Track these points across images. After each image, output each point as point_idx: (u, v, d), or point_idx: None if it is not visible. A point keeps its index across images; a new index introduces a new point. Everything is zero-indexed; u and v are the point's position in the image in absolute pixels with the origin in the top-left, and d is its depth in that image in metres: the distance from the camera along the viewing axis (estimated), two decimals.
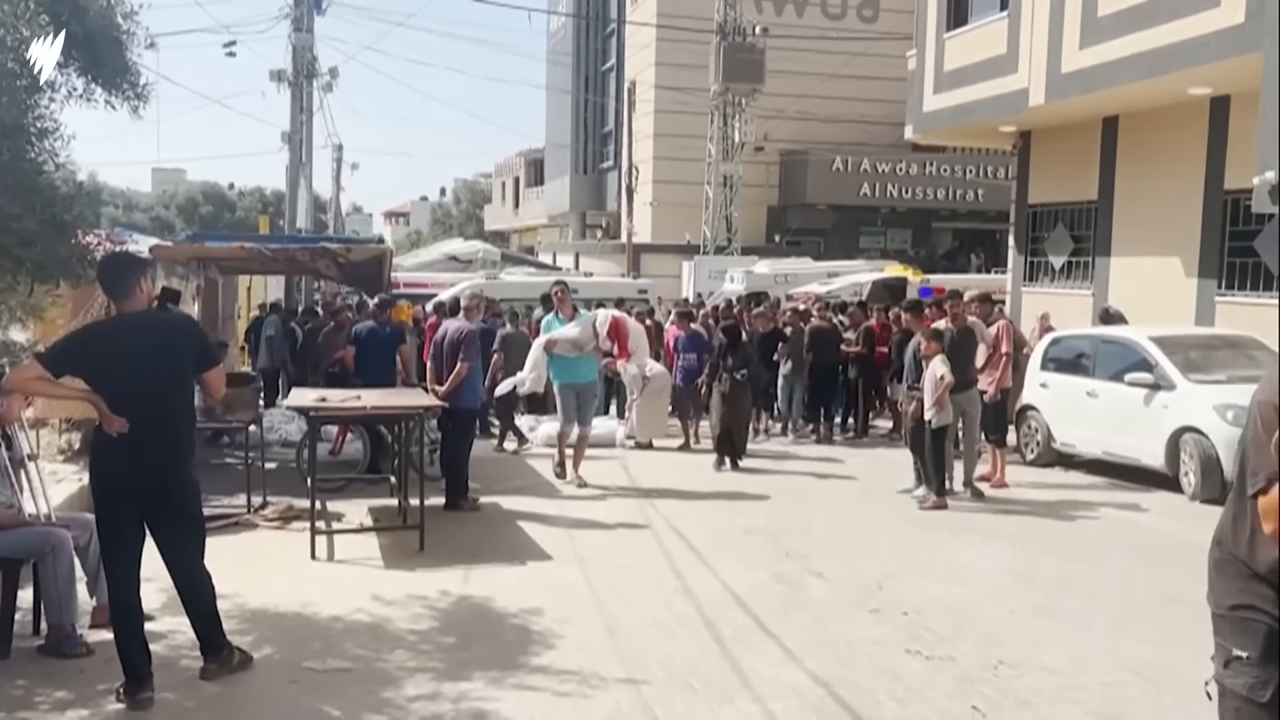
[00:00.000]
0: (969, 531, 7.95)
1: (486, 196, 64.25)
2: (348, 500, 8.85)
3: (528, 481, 10.09)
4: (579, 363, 9.75)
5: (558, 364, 9.64)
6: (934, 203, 31.78)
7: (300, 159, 16.68)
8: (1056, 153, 14.94)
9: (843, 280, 19.47)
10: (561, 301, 9.97)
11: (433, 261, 25.45)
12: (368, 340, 9.70)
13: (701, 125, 29.30)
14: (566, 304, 9.97)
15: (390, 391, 8.45)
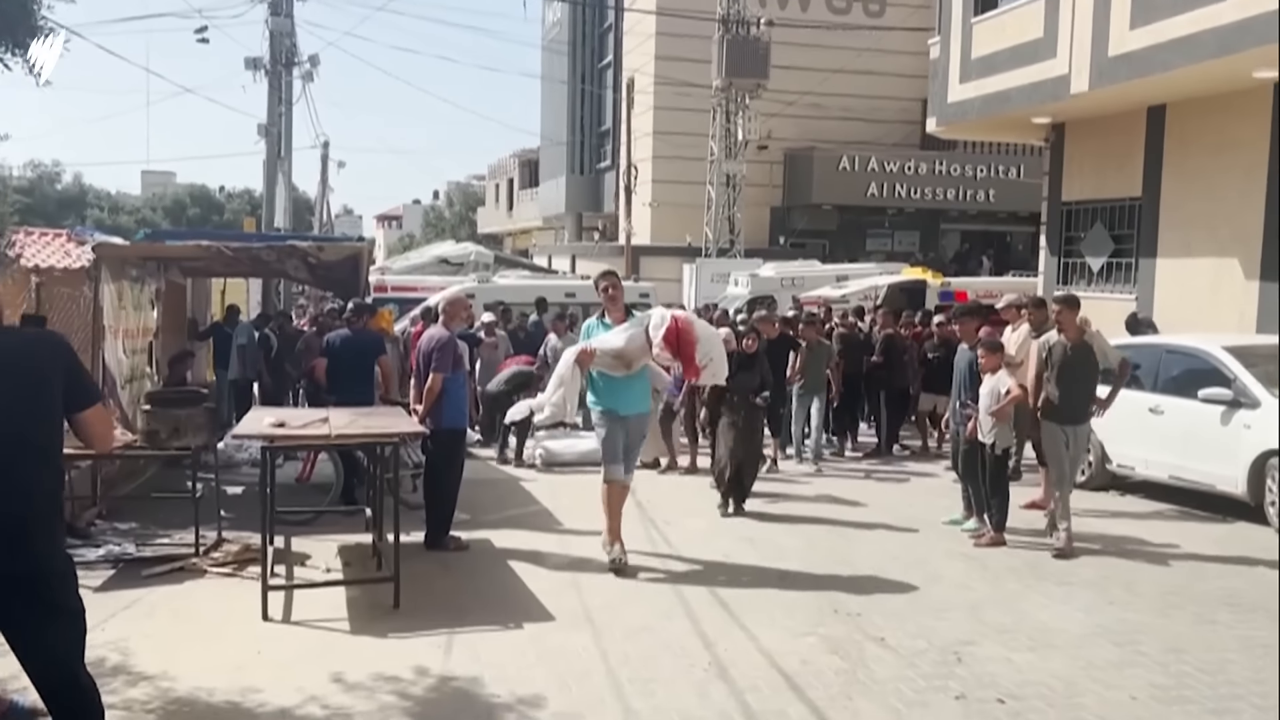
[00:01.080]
0: (1040, 576, 6.80)
1: (480, 199, 63.16)
2: (316, 536, 7.69)
3: (522, 510, 8.93)
4: (627, 385, 6.86)
5: (598, 385, 6.88)
6: (943, 203, 30.68)
7: (279, 153, 15.52)
8: (1095, 145, 13.83)
9: (857, 284, 18.33)
10: (612, 299, 6.89)
11: (423, 265, 24.41)
12: (342, 351, 8.52)
13: (703, 122, 28.16)
14: (618, 302, 6.91)
15: (365, 412, 7.28)
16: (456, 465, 7.47)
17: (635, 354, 6.73)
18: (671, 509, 8.83)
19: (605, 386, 6.86)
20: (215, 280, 16.31)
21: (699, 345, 6.76)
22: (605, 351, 6.67)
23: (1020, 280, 18.60)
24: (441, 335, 7.40)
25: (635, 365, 6.76)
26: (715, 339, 6.98)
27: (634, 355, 6.73)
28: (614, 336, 6.72)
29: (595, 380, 6.85)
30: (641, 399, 7.07)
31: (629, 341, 6.66)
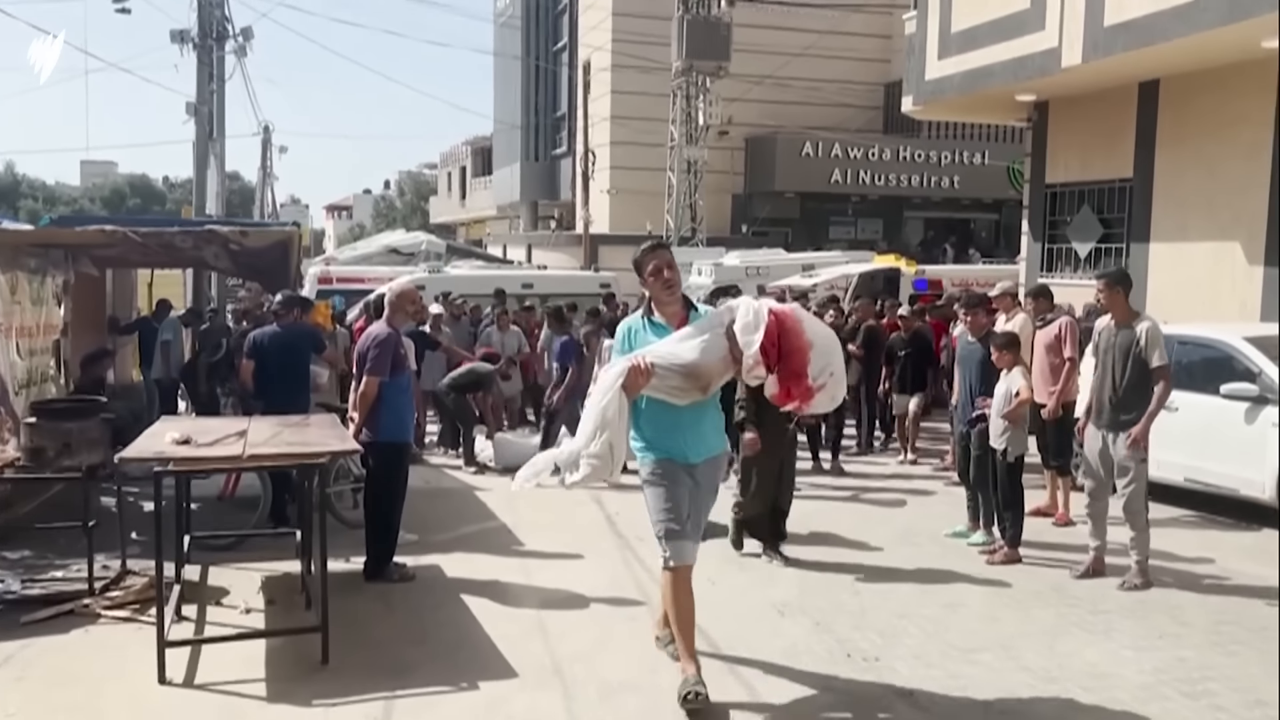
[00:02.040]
0: (1070, 603, 5.97)
1: (432, 188, 61.80)
2: (238, 564, 6.66)
3: (478, 526, 7.95)
4: (695, 418, 4.55)
5: (649, 420, 4.53)
6: (907, 189, 30.06)
7: (210, 134, 14.33)
8: (1081, 125, 13.10)
9: (827, 273, 17.53)
10: (668, 284, 4.55)
11: (371, 255, 23.39)
12: (269, 350, 7.48)
13: (662, 107, 27.23)
14: (676, 290, 4.60)
15: (293, 422, 6.25)
16: (399, 484, 6.47)
17: (714, 371, 4.38)
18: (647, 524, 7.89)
19: (661, 421, 4.47)
20: (143, 272, 15.15)
21: (812, 354, 4.44)
22: (669, 369, 4.29)
23: (997, 268, 17.93)
24: (380, 333, 6.39)
25: (712, 387, 4.44)
26: (833, 343, 4.62)
27: (712, 373, 4.37)
28: (680, 346, 4.35)
29: (642, 412, 4.47)
30: (715, 436, 4.65)
31: (704, 352, 4.32)
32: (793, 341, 4.43)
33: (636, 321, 4.64)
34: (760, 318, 4.38)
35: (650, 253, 4.59)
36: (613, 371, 4.34)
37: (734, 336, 4.38)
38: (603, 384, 4.36)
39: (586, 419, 4.33)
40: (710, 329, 4.40)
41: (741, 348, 4.36)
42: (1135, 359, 6.34)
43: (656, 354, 4.33)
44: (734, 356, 4.39)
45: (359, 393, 6.27)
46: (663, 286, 4.53)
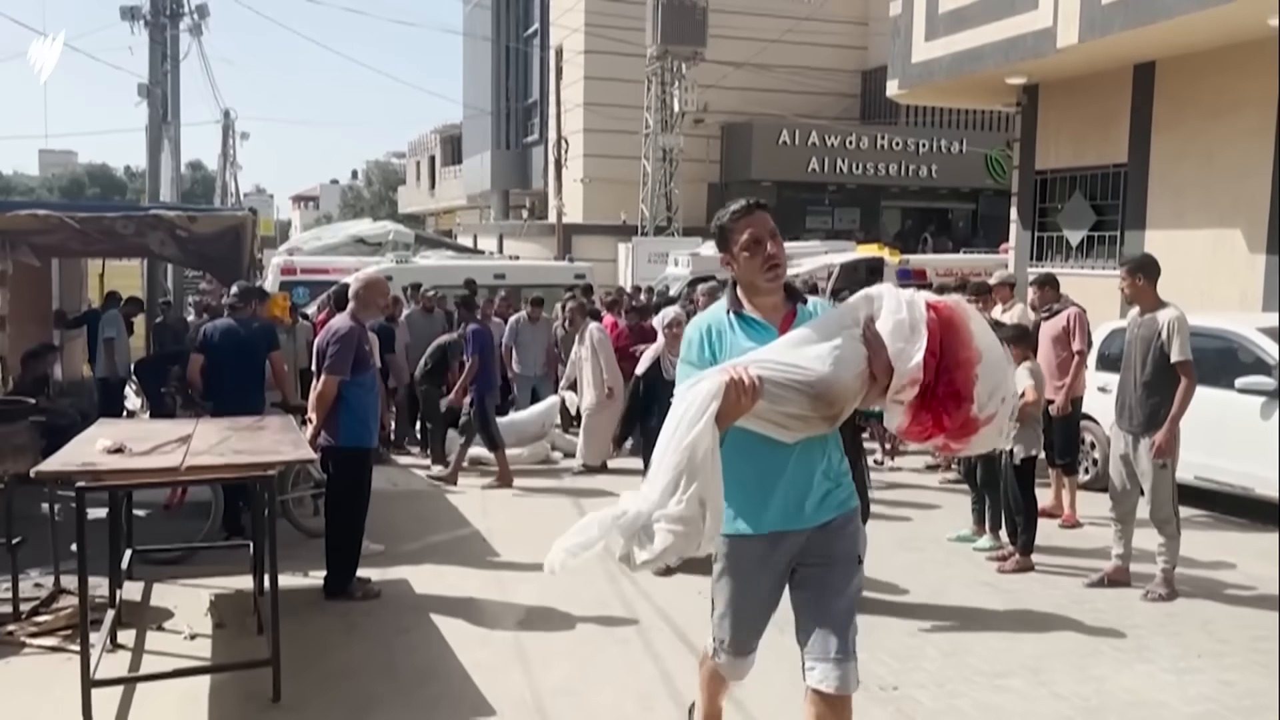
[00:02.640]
0: (1094, 617, 5.51)
1: (400, 178, 60.78)
2: (185, 582, 6.09)
3: (449, 535, 7.40)
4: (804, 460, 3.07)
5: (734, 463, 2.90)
6: (884, 179, 29.64)
7: (164, 116, 13.60)
8: (1073, 109, 12.68)
9: (810, 262, 17.05)
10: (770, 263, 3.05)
11: (337, 245, 22.62)
12: (221, 346, 6.87)
13: (637, 94, 26.63)
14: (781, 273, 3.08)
15: (245, 425, 5.67)
16: (362, 493, 5.90)
17: (850, 392, 2.92)
18: None
19: (749, 469, 3.01)
20: (95, 263, 14.42)
21: (980, 369, 3.01)
22: (787, 386, 2.83)
23: (982, 257, 17.57)
24: (341, 327, 5.81)
25: (843, 415, 2.98)
26: (1002, 355, 3.14)
27: (848, 394, 2.92)
28: (800, 354, 2.87)
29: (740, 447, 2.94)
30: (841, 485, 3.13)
31: (839, 364, 2.87)
32: (958, 351, 2.96)
33: (720, 317, 3.07)
34: (919, 315, 2.93)
35: (744, 215, 3.05)
36: (700, 391, 2.75)
37: (877, 342, 2.91)
38: (684, 410, 2.76)
39: (662, 464, 2.74)
40: (840, 330, 2.91)
41: (890, 359, 2.89)
42: (1157, 352, 5.88)
43: (766, 364, 2.80)
44: (872, 372, 2.90)
45: (318, 394, 5.71)
46: (762, 266, 2.99)
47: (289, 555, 6.50)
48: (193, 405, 6.95)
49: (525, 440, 10.25)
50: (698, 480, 2.69)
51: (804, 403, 2.83)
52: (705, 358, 3.01)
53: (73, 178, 68.37)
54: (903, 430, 3.09)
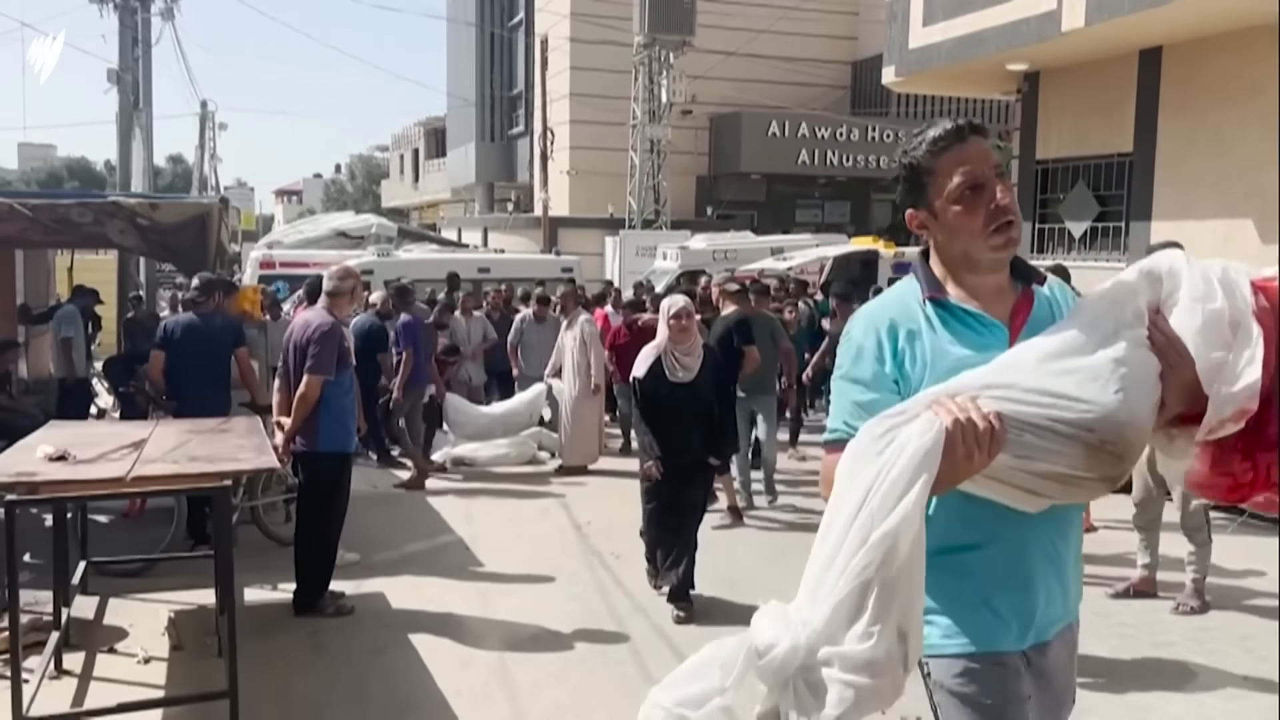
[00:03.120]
0: (1124, 634, 5.12)
1: (384, 172, 60.14)
2: (144, 596, 5.64)
3: (429, 543, 6.95)
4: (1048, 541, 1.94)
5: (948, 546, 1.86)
6: (875, 171, 29.26)
7: (135, 104, 13.07)
8: (1076, 97, 12.31)
9: (802, 256, 16.69)
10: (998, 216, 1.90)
11: (318, 238, 22.09)
12: (183, 342, 6.41)
13: (624, 84, 26.15)
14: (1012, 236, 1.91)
15: (207, 427, 5.21)
16: (339, 502, 5.46)
17: (1145, 433, 1.81)
18: (620, 531, 6.94)
19: (975, 556, 1.93)
20: (64, 255, 13.89)
21: None
22: (1043, 429, 1.72)
23: None
24: (323, 322, 5.35)
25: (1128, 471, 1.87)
26: None
27: (1142, 437, 1.81)
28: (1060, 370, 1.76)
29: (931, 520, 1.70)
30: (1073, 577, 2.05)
31: (1128, 389, 1.75)
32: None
33: (907, 307, 1.99)
34: (1243, 303, 1.84)
35: (952, 144, 1.93)
36: (905, 445, 1.68)
37: (1174, 349, 1.81)
38: (872, 475, 1.69)
39: (834, 566, 1.69)
40: (1118, 328, 1.81)
41: (1200, 376, 1.80)
42: None
43: (1006, 393, 1.74)
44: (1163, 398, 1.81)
45: (299, 394, 5.23)
46: (986, 224, 1.90)
47: (258, 565, 6.09)
48: (161, 405, 6.49)
49: (514, 430, 9.81)
50: (898, 598, 1.64)
51: (1076, 455, 1.72)
52: (886, 376, 1.92)
53: (51, 171, 67.41)
54: (1196, 480, 1.97)
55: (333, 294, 5.42)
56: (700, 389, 5.51)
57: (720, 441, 5.73)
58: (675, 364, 5.49)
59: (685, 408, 5.47)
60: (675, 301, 5.58)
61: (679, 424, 5.45)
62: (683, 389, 5.47)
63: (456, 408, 9.57)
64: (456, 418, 9.54)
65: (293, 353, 5.32)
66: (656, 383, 5.48)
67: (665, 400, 5.47)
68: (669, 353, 5.51)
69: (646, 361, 5.53)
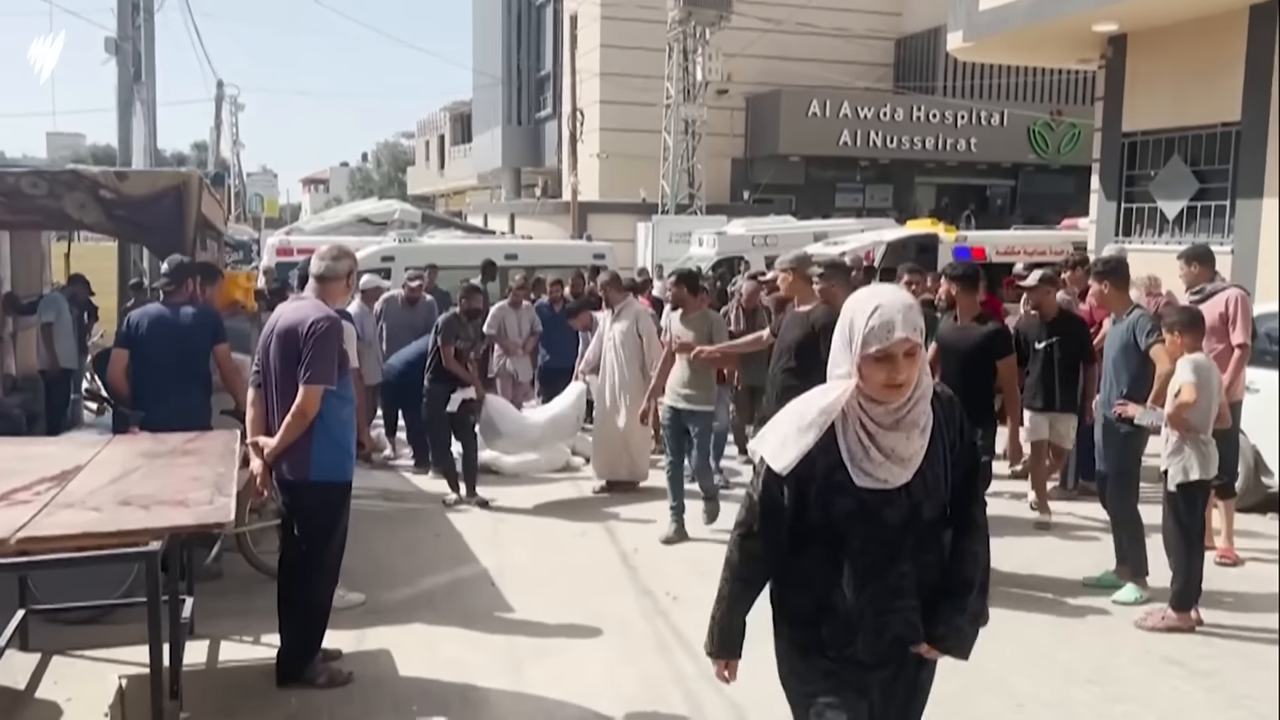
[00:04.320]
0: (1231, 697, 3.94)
1: (409, 159, 59.27)
2: (93, 653, 4.59)
3: (451, 575, 5.85)
4: None
5: None
6: (920, 153, 27.89)
7: (137, 76, 12.08)
8: (1171, 61, 11.01)
9: (857, 240, 15.44)
10: None
11: (340, 225, 21.24)
12: (151, 338, 5.32)
13: (657, 63, 24.92)
14: None
15: (167, 450, 4.13)
16: (334, 544, 4.33)
17: None
18: (680, 573, 5.81)
19: None
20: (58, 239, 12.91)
21: None
22: None
23: (1049, 233, 15.95)
24: (321, 318, 4.16)
25: None
26: None
27: None
28: None
29: None
30: None
31: None
32: None
33: None
34: None
35: None
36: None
37: None
38: None
39: None
40: None
41: None
42: None
43: None
44: None
45: (295, 410, 4.06)
46: None
47: (239, 608, 5.04)
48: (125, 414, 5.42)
49: (565, 434, 8.64)
50: None
51: None
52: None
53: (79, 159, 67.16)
54: None
55: (324, 278, 4.28)
56: (925, 499, 2.30)
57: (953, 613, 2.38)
58: (873, 449, 2.25)
59: (887, 548, 2.30)
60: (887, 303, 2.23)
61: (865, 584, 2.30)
62: (888, 504, 2.27)
63: (501, 413, 8.13)
64: (504, 426, 8.05)
65: (275, 354, 4.19)
66: (821, 492, 2.29)
67: (836, 533, 2.30)
68: (859, 422, 2.27)
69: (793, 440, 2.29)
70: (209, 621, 4.93)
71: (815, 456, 2.24)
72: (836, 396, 2.24)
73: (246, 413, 4.30)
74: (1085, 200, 12.99)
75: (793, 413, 2.30)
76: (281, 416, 4.07)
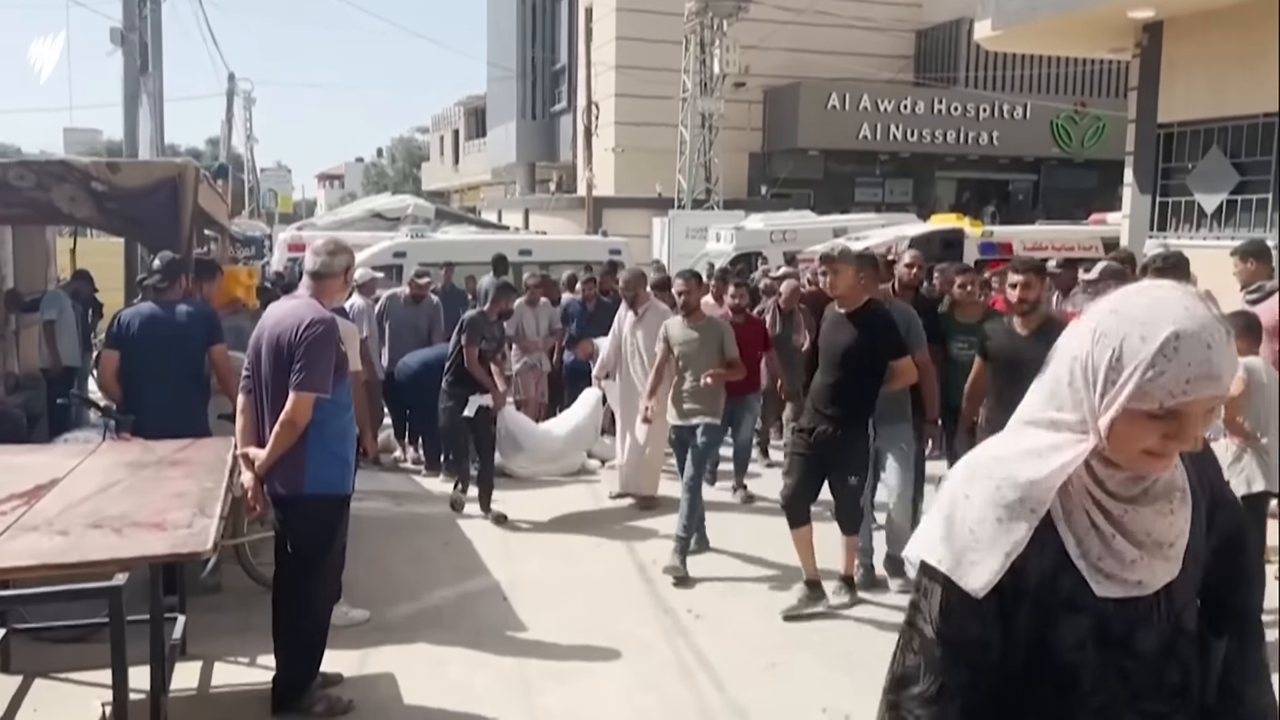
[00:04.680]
0: None
1: (424, 154, 59.07)
2: (78, 676, 4.29)
3: (458, 588, 5.54)
4: None
5: None
6: (940, 146, 27.43)
7: (143, 67, 11.81)
8: (1211, 47, 10.57)
9: (881, 235, 15.06)
10: None
11: (353, 220, 21.06)
12: (142, 339, 5.02)
13: (674, 56, 24.56)
14: None
15: (154, 459, 3.83)
16: (332, 561, 4.03)
17: None
18: (702, 589, 5.49)
19: None
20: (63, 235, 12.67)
21: None
22: None
23: (1079, 229, 15.52)
24: (317, 317, 3.84)
25: None
26: None
27: None
28: None
29: None
30: None
31: None
32: None
33: None
34: None
35: None
36: None
37: None
38: None
39: None
40: None
41: None
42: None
43: None
44: None
45: (284, 419, 3.74)
46: None
47: (237, 625, 4.76)
48: (115, 420, 5.12)
49: (585, 444, 8.33)
50: None
51: None
52: None
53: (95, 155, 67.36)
54: None
55: (320, 275, 3.97)
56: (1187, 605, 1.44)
57: None
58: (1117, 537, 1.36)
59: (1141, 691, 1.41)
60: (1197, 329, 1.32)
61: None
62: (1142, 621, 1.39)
63: (520, 427, 7.83)
64: (525, 441, 7.79)
65: (266, 357, 3.88)
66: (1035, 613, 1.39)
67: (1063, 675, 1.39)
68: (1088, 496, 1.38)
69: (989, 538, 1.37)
70: (203, 640, 4.64)
71: (1026, 559, 1.35)
72: (1060, 464, 1.34)
73: (236, 420, 3.99)
74: (1109, 195, 12.61)
75: (981, 490, 1.38)
76: (273, 425, 3.76)
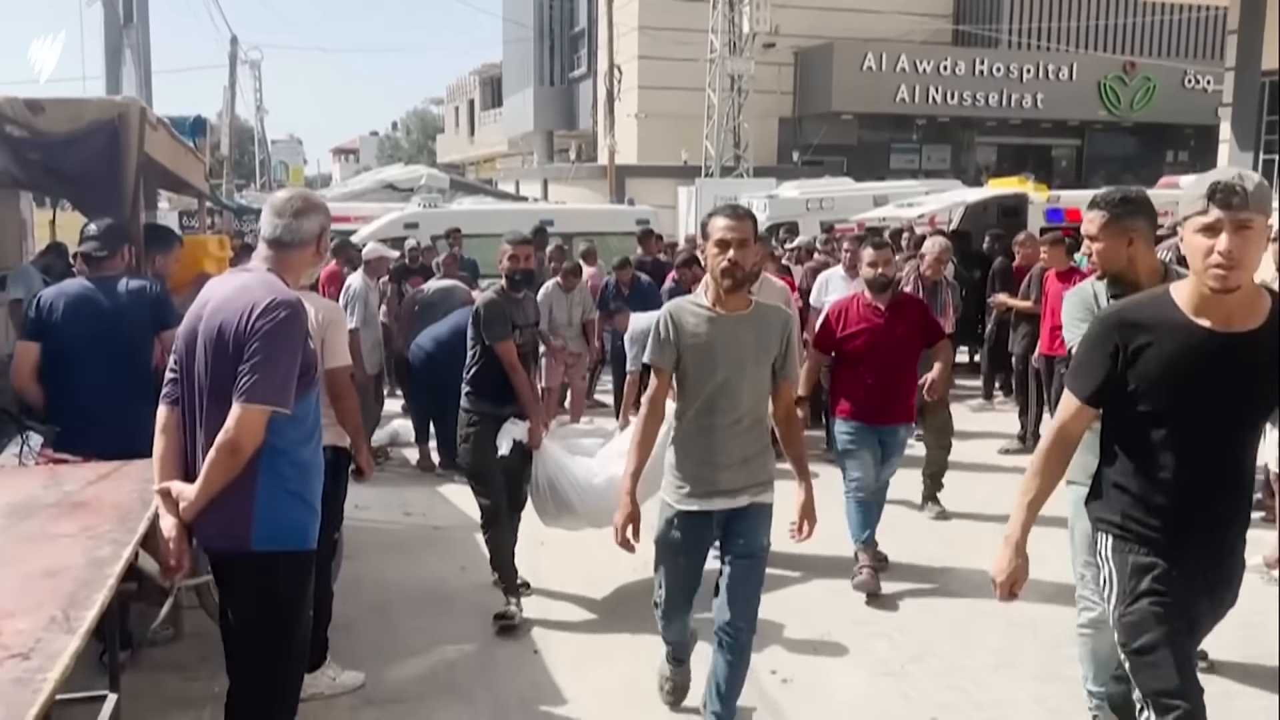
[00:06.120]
0: None
1: (439, 126, 57.93)
2: None
3: (479, 640, 4.41)
4: None
5: None
6: (982, 109, 26.02)
7: (127, 18, 10.67)
8: None
9: (935, 201, 13.84)
10: None
11: (365, 191, 20.26)
12: (69, 325, 3.89)
13: (700, 14, 23.27)
14: None
15: (76, 481, 2.71)
16: (295, 633, 2.86)
17: None
18: (792, 637, 4.35)
19: None
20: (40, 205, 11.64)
21: None
22: None
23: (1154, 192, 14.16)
24: (274, 299, 2.62)
25: None
26: None
27: None
28: None
29: None
30: None
31: None
32: None
33: None
34: None
35: None
36: None
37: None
38: None
39: None
40: None
41: None
42: None
43: None
44: None
45: (222, 441, 2.56)
46: None
47: (192, 696, 3.66)
48: (34, 429, 4.00)
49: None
50: None
51: None
52: None
53: None
54: None
55: (281, 244, 2.79)
56: None
57: None
58: None
59: None
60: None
61: None
62: None
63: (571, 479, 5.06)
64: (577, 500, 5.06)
65: (201, 354, 2.71)
66: None
67: None
68: None
69: None
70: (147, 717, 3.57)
71: None
72: None
73: (155, 442, 2.81)
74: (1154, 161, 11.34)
75: None
76: (207, 450, 2.61)
